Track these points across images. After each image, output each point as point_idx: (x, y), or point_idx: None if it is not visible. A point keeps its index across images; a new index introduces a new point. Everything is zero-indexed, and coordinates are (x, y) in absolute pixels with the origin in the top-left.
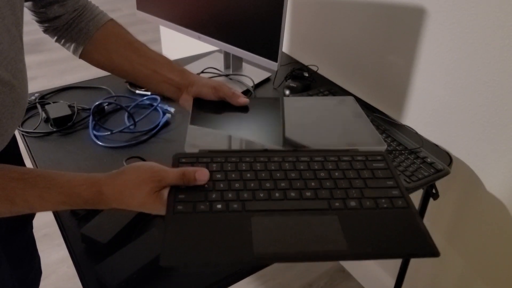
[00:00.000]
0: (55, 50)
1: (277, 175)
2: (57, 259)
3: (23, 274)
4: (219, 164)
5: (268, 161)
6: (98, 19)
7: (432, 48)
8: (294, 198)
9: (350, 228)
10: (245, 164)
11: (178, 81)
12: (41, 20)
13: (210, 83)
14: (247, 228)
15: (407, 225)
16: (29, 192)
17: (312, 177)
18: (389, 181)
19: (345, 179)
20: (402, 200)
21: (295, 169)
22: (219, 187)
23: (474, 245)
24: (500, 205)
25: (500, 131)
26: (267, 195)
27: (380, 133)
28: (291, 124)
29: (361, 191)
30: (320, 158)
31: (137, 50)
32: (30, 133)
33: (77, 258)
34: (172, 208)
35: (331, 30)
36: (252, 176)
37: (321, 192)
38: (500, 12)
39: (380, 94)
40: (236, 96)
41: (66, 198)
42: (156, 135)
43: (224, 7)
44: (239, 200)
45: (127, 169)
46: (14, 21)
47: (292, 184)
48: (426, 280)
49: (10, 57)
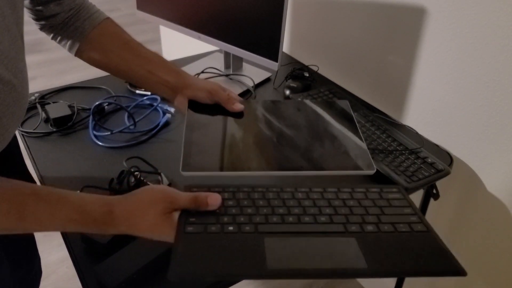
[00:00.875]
0: (54, 50)
1: (290, 202)
2: (57, 259)
3: (24, 274)
4: (231, 193)
5: (280, 191)
6: (94, 17)
7: (432, 48)
8: (308, 222)
9: (369, 248)
10: (257, 193)
11: (173, 82)
12: (37, 18)
13: (206, 87)
14: (260, 246)
15: (429, 246)
16: (40, 208)
17: (326, 205)
18: (407, 209)
19: (361, 207)
20: (421, 225)
21: (309, 198)
22: (231, 212)
23: (474, 245)
24: (500, 205)
25: (500, 131)
26: (280, 219)
27: (381, 133)
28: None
29: (377, 217)
30: (334, 189)
31: (132, 49)
32: (30, 133)
33: (77, 259)
34: (182, 229)
35: (331, 30)
36: (265, 203)
37: (337, 217)
38: (500, 12)
39: (381, 94)
40: (231, 102)
41: (76, 215)
42: (156, 135)
43: (224, 7)
44: (251, 223)
45: (140, 191)
46: (15, 20)
47: (306, 210)
48: (426, 279)
49: (10, 57)
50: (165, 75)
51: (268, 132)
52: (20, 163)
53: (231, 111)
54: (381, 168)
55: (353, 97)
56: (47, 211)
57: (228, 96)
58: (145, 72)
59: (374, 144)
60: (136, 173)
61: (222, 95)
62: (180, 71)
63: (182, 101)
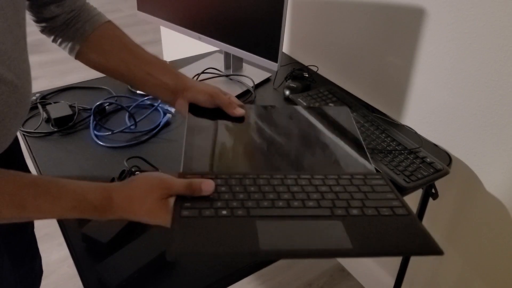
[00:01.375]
0: (56, 50)
1: (279, 188)
2: (57, 258)
3: (25, 272)
4: (224, 180)
5: (271, 178)
6: (94, 20)
7: (431, 48)
8: (297, 206)
9: (354, 230)
10: (248, 180)
11: (172, 85)
12: (38, 20)
13: (206, 90)
14: (252, 229)
15: (409, 228)
16: (41, 198)
17: (314, 190)
18: (389, 195)
19: (346, 192)
20: (403, 209)
21: (297, 184)
22: (224, 197)
23: (473, 245)
24: (499, 204)
25: (499, 131)
26: (270, 203)
27: (380, 133)
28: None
29: (362, 202)
30: (320, 176)
31: (132, 52)
32: (31, 133)
33: (78, 258)
34: (178, 214)
35: (331, 30)
36: (256, 189)
37: (324, 202)
38: (500, 13)
39: (380, 94)
40: (233, 107)
41: (76, 203)
42: (157, 135)
43: (224, 8)
44: (244, 207)
45: (136, 178)
46: (17, 21)
47: (295, 195)
48: (426, 279)
49: (13, 57)
50: (164, 77)
51: (269, 138)
52: (21, 163)
53: (232, 115)
54: (380, 167)
55: (353, 97)
56: (47, 202)
57: (229, 100)
58: (144, 74)
59: (373, 144)
60: (137, 172)
61: (223, 99)
62: (179, 73)
63: (182, 104)
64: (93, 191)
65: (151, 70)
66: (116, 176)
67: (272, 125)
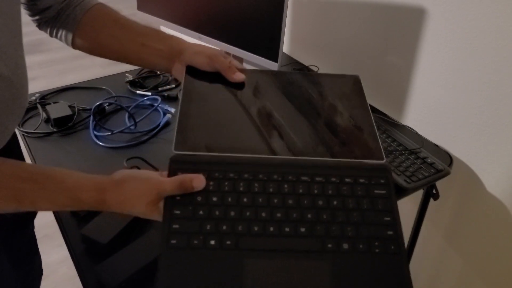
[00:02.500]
0: (55, 50)
1: (274, 201)
2: (57, 259)
3: (24, 273)
4: (216, 182)
5: (267, 180)
6: (85, 3)
7: (432, 48)
8: (288, 234)
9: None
10: (243, 183)
11: (167, 50)
12: (32, 13)
13: (205, 52)
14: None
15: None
16: (37, 194)
17: (310, 206)
18: (387, 217)
19: (343, 211)
20: (395, 244)
21: (294, 193)
22: (215, 214)
23: (474, 246)
24: (500, 205)
25: (500, 131)
26: (261, 228)
27: (381, 133)
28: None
29: (357, 228)
30: (321, 178)
31: (123, 26)
32: (30, 133)
33: (77, 259)
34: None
35: (331, 30)
36: (249, 202)
37: (317, 228)
38: (500, 13)
39: (380, 94)
40: (232, 71)
41: (71, 202)
42: (157, 135)
43: (224, 8)
44: (233, 233)
45: (128, 179)
46: (13, 17)
47: (289, 214)
48: (426, 279)
49: (9, 53)
50: (157, 44)
51: (271, 110)
52: None
53: (231, 81)
54: None
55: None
56: (43, 198)
57: (229, 64)
58: (137, 45)
59: None
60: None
61: (222, 62)
62: (174, 37)
63: (180, 69)
64: (88, 190)
65: (144, 39)
66: None
67: (275, 96)
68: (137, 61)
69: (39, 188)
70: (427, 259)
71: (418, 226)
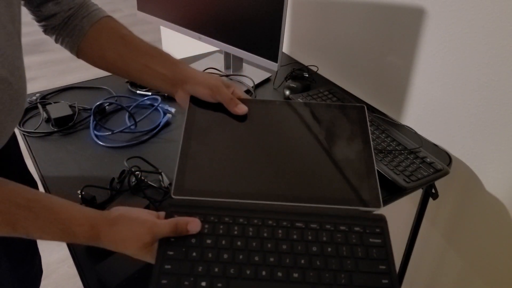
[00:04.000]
0: (55, 50)
1: (268, 245)
2: (57, 258)
3: (24, 273)
4: (211, 225)
5: (261, 225)
6: (92, 15)
7: (431, 48)
8: (280, 279)
9: None
10: (237, 227)
11: (170, 76)
12: (38, 19)
13: (207, 83)
14: None
15: None
16: (30, 223)
17: (303, 252)
18: (382, 265)
19: (337, 258)
20: None
21: (288, 239)
22: (207, 257)
23: (473, 245)
24: (499, 205)
25: (499, 131)
26: (253, 272)
27: (380, 133)
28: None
29: (350, 277)
30: (316, 225)
31: (129, 44)
32: (31, 133)
33: (78, 258)
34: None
35: (331, 30)
36: (242, 245)
37: (309, 274)
38: (499, 13)
39: (380, 94)
40: (234, 104)
41: (64, 235)
42: (157, 135)
43: (224, 8)
44: (225, 276)
45: (122, 220)
46: (11, 18)
47: (282, 259)
48: (426, 279)
49: (6, 54)
50: (161, 68)
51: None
52: (20, 163)
53: (233, 113)
54: (380, 168)
55: (353, 97)
56: (36, 228)
57: (231, 96)
58: (141, 66)
59: (374, 144)
60: (137, 172)
61: (224, 94)
62: (178, 62)
63: (183, 97)
64: (81, 225)
65: (148, 61)
66: (116, 176)
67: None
68: (139, 81)
69: (33, 217)
70: (426, 258)
71: (417, 226)
